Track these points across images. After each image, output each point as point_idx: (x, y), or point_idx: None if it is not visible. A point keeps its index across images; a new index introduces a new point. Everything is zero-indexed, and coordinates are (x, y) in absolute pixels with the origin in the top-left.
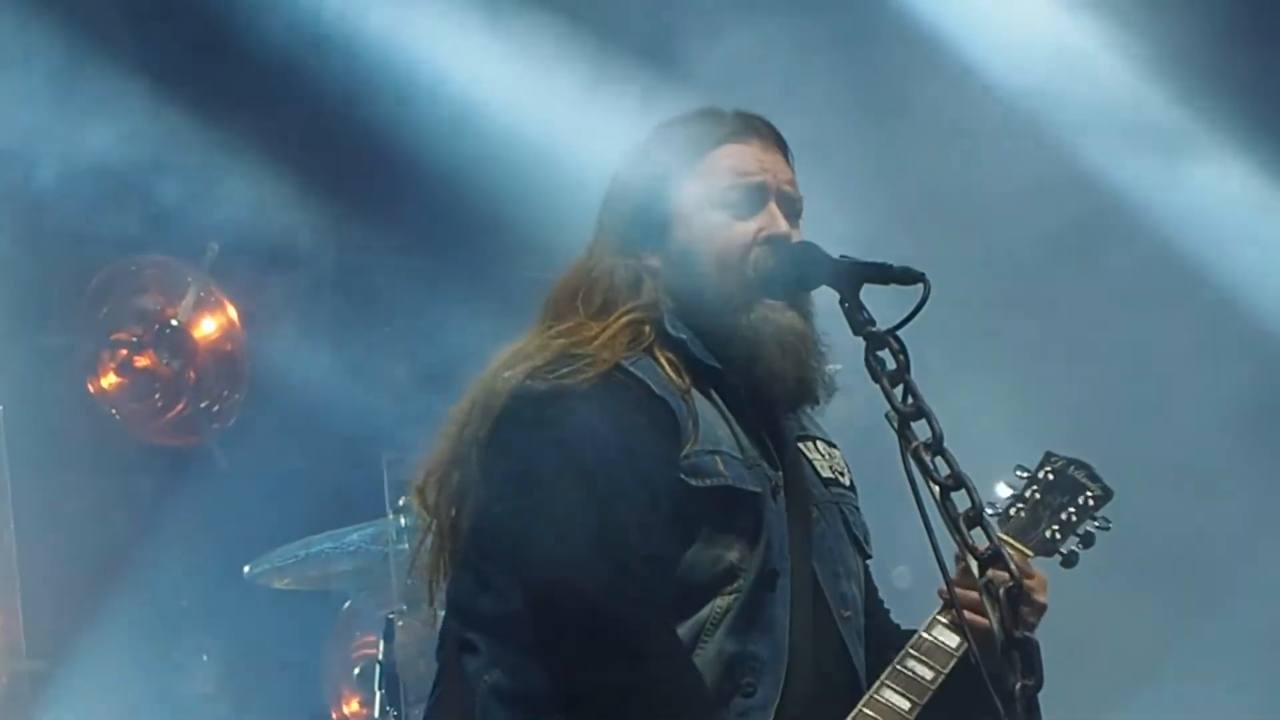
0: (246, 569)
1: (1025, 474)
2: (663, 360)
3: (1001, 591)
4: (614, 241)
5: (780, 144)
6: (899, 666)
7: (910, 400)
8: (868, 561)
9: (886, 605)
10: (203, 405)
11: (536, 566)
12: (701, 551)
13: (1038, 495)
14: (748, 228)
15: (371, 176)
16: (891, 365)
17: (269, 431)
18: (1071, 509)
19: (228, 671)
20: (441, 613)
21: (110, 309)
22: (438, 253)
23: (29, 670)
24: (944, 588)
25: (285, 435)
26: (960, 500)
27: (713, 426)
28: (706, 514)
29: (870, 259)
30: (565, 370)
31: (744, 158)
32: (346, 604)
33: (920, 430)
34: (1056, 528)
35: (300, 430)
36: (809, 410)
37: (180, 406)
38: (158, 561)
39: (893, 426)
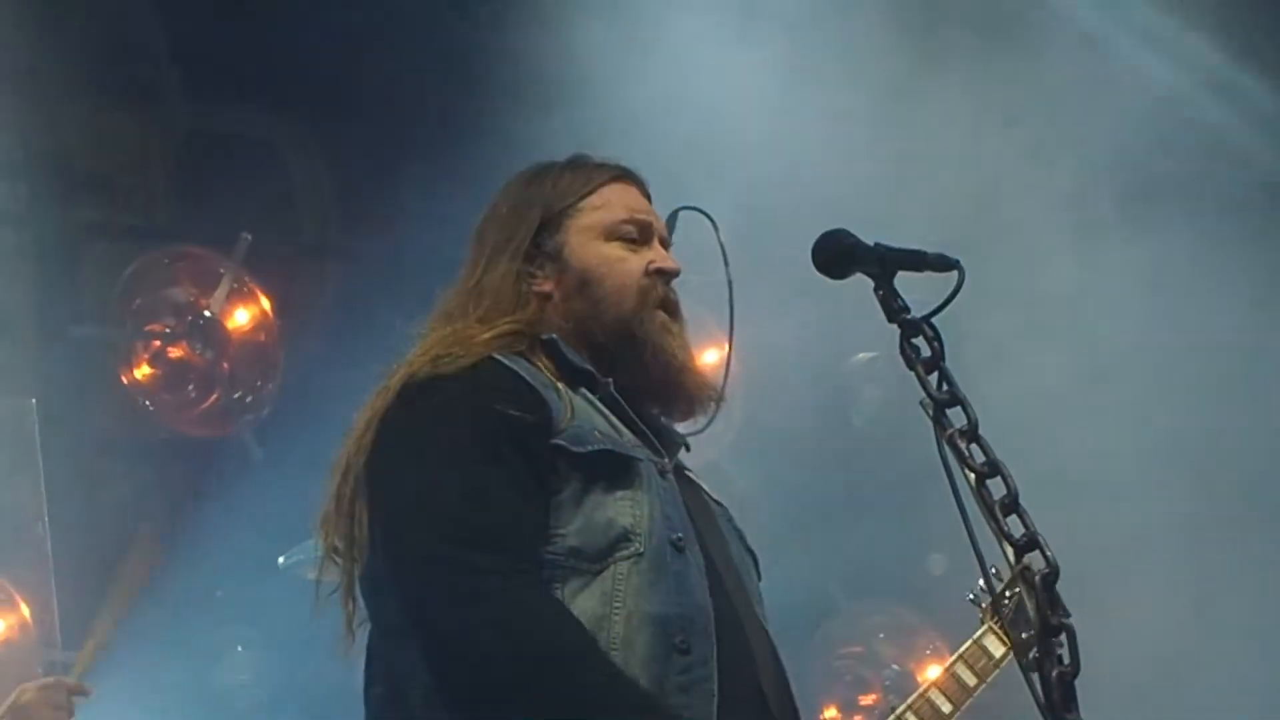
0: (281, 560)
1: (999, 576)
2: (535, 361)
3: (1038, 578)
4: (504, 264)
5: (649, 195)
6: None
7: (945, 387)
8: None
9: None
10: (236, 396)
11: (405, 530)
12: (591, 516)
13: (1019, 597)
14: (641, 260)
15: (404, 163)
16: (926, 353)
17: (303, 422)
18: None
19: (263, 662)
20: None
21: (143, 300)
22: (469, 240)
23: (63, 661)
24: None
25: (319, 425)
26: (996, 488)
27: (588, 414)
28: (591, 480)
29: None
30: (441, 361)
31: (631, 196)
32: None
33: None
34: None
35: (334, 420)
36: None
37: (214, 397)
38: (192, 552)
39: (928, 414)
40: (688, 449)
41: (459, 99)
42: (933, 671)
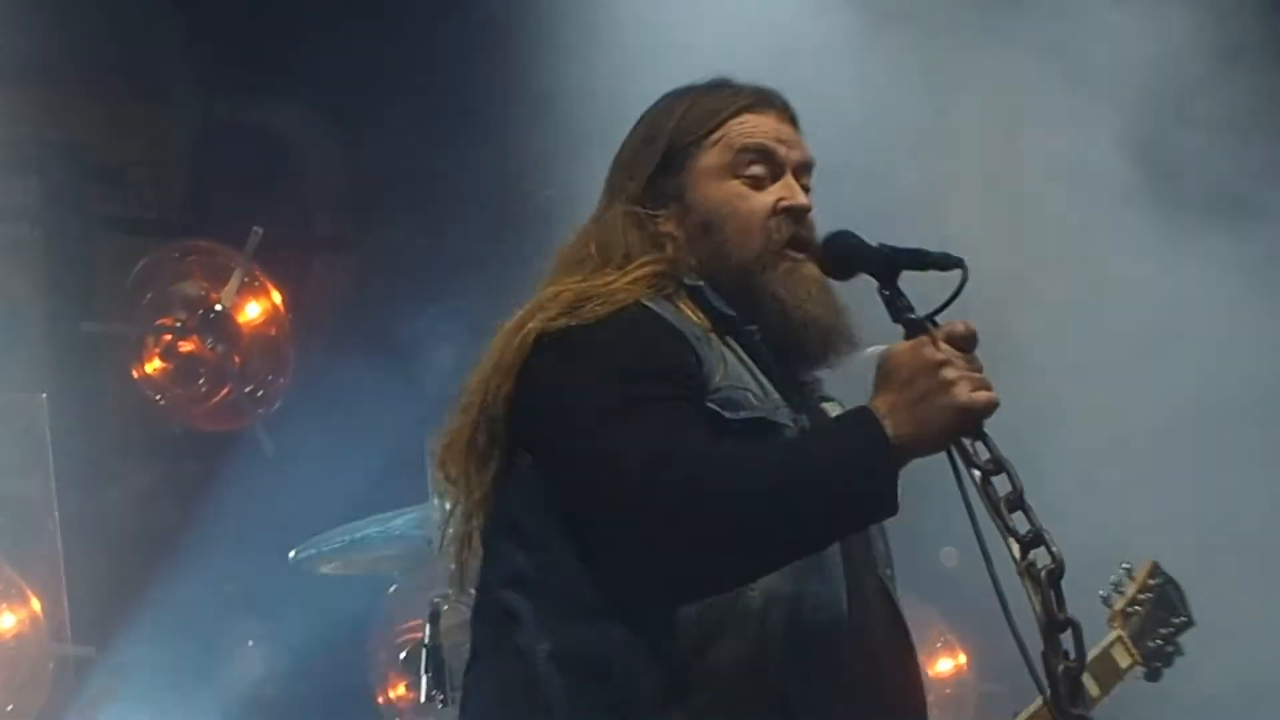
0: (292, 554)
1: (1130, 575)
2: (682, 306)
3: (1043, 574)
4: (627, 206)
5: (793, 117)
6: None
7: None
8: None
9: None
10: (247, 390)
11: (604, 481)
12: None
13: (1150, 602)
14: (767, 198)
15: (416, 156)
16: None
17: (313, 416)
18: (1166, 629)
19: (273, 656)
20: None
21: (154, 295)
22: (483, 236)
23: (74, 656)
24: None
25: (330, 420)
26: (1001, 485)
27: (736, 368)
28: None
29: (908, 245)
30: (584, 308)
31: (762, 127)
32: (392, 588)
33: None
34: (1159, 641)
35: (345, 415)
36: (825, 375)
37: (225, 392)
38: (203, 547)
39: None
40: (847, 349)
41: (473, 89)
42: (944, 664)
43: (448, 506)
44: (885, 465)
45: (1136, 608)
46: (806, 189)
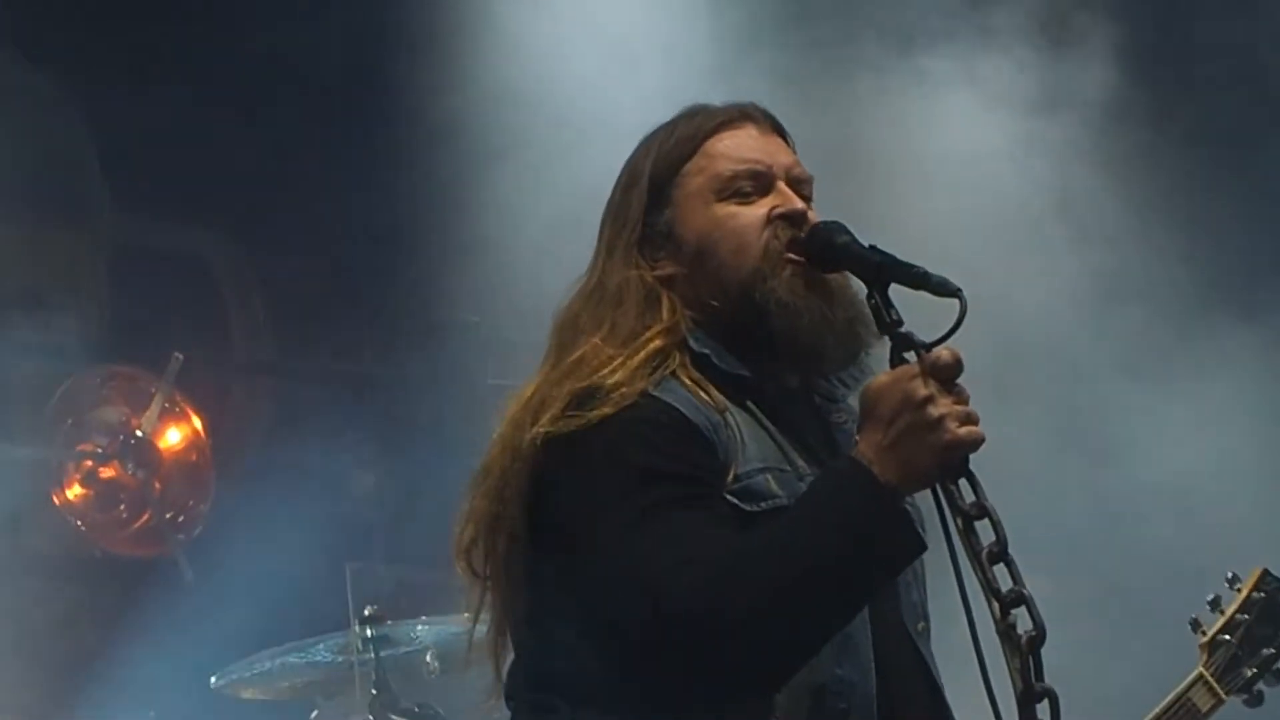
0: (213, 680)
1: (1238, 588)
2: (689, 383)
3: (1024, 640)
4: (621, 255)
5: (777, 128)
6: None
7: None
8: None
9: None
10: (168, 516)
11: (627, 597)
12: None
13: (1248, 622)
14: (758, 210)
15: (335, 282)
16: None
17: (234, 542)
18: (1274, 648)
19: None
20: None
21: (75, 420)
22: (402, 361)
23: None
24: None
25: (250, 546)
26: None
27: (757, 442)
28: None
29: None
30: (588, 406)
31: (741, 142)
32: (313, 714)
33: None
34: (1256, 668)
35: (265, 541)
36: (857, 377)
37: (145, 517)
38: (123, 672)
39: None
40: (868, 344)
41: (393, 213)
42: None
43: (469, 594)
44: (886, 516)
45: (1228, 635)
46: (806, 200)
